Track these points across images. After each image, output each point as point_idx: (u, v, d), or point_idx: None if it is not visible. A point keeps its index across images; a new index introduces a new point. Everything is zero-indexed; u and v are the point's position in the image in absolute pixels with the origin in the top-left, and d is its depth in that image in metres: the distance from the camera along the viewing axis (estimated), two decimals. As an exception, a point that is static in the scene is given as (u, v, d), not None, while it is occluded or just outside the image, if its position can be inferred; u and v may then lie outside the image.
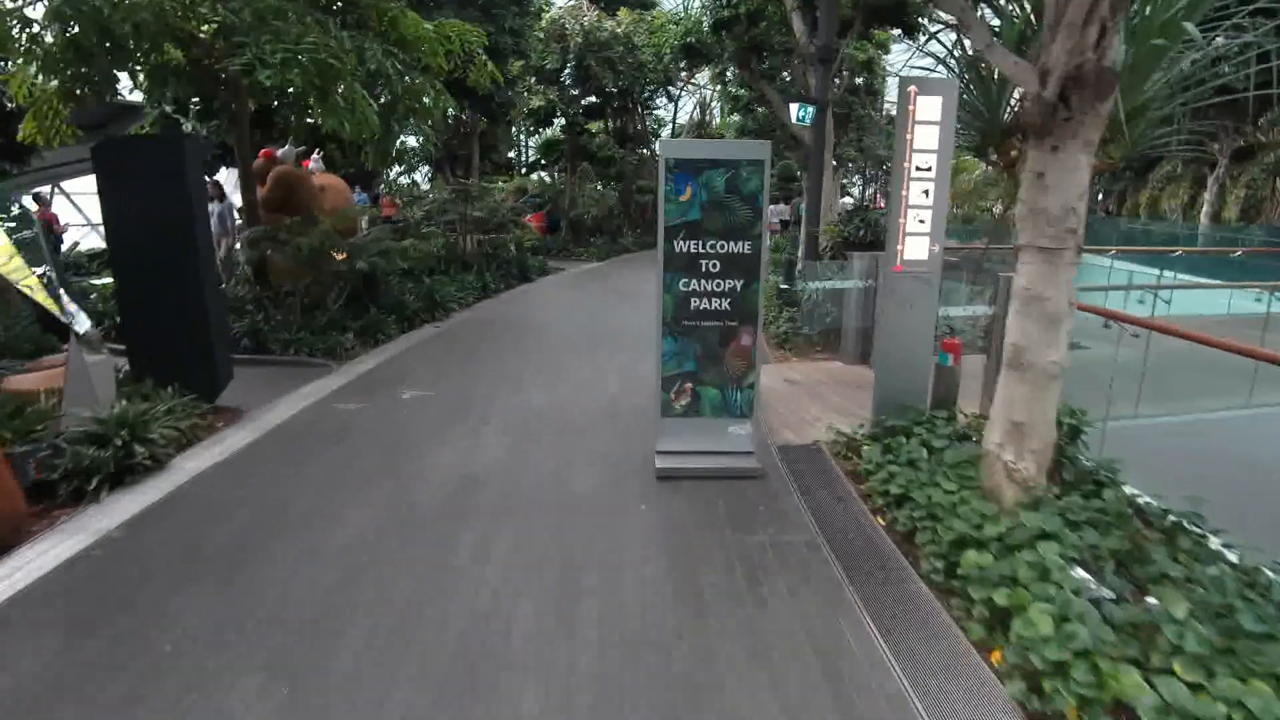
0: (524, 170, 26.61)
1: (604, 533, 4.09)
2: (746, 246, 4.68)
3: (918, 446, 4.68)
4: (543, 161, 26.20)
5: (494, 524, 4.15)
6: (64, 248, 14.86)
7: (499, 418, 6.07)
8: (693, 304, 4.76)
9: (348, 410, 6.30)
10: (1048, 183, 3.86)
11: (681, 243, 4.65)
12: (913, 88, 4.93)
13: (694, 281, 4.72)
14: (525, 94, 19.70)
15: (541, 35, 19.66)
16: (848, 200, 30.94)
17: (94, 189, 5.97)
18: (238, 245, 11.72)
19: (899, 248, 5.13)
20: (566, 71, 21.23)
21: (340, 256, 9.41)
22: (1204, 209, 21.23)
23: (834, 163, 12.78)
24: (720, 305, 4.77)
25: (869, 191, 32.34)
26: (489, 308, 11.70)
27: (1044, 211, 3.89)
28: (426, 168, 17.64)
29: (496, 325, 10.29)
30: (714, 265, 4.70)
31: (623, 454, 5.27)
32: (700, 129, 27.57)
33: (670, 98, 24.54)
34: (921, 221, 5.12)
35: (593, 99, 22.63)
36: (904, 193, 5.05)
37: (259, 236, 9.11)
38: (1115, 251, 11.80)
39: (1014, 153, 8.92)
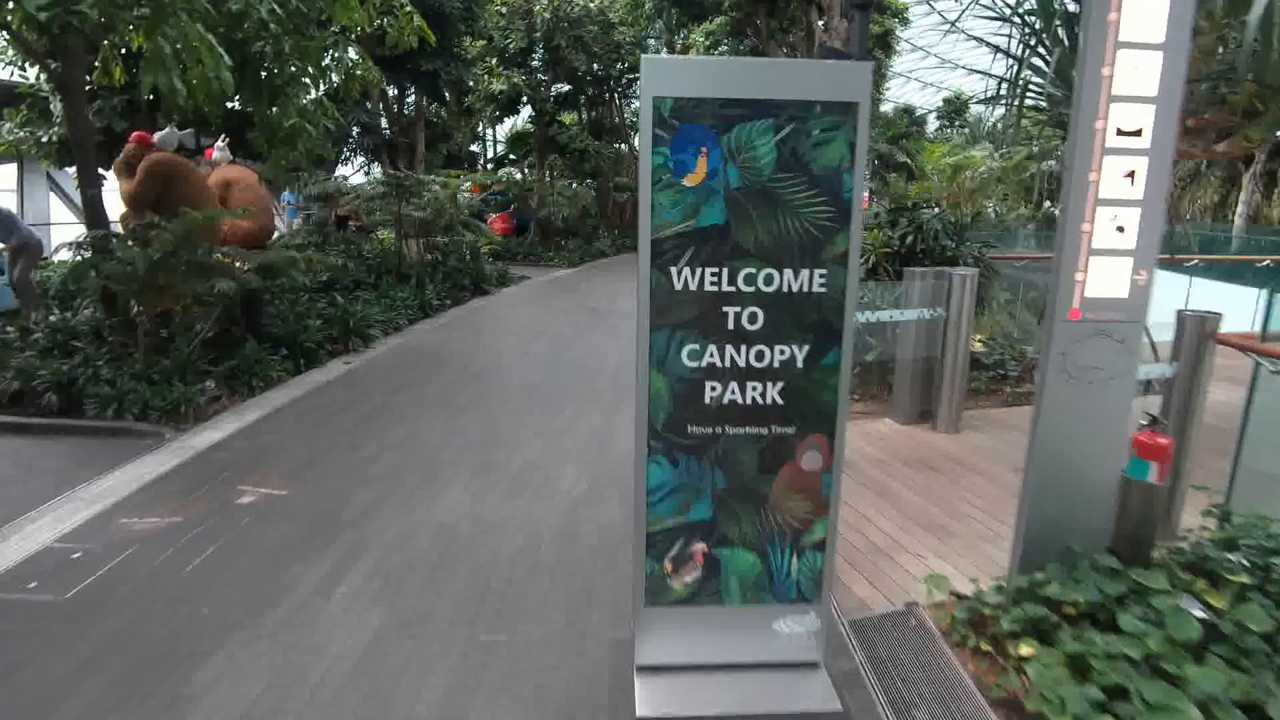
0: (490, 165, 24.11)
1: None
2: (819, 278, 2.32)
3: (1172, 695, 2.36)
4: (511, 156, 23.72)
5: None
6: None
7: (377, 554, 3.65)
8: (709, 394, 2.39)
9: (136, 534, 3.85)
10: None
11: (686, 270, 2.28)
12: (1119, -23, 2.61)
13: (712, 349, 2.36)
14: (485, 76, 17.24)
15: (503, 10, 17.23)
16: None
17: None
18: (60, 256, 9.16)
19: (1077, 276, 2.81)
20: (535, 54, 18.82)
21: (243, 268, 6.98)
22: (1239, 209, 19.27)
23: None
24: (764, 396, 2.40)
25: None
26: (425, 334, 9.25)
27: None
28: (363, 160, 15.15)
29: (428, 361, 7.85)
30: (752, 317, 2.34)
31: (575, 654, 2.89)
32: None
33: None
34: (1121, 230, 2.80)
35: (564, 86, 20.22)
36: (1092, 175, 2.73)
37: (98, 244, 6.64)
38: (1197, 262, 9.65)
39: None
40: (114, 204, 8.11)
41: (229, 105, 8.07)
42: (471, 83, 18.69)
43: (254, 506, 4.19)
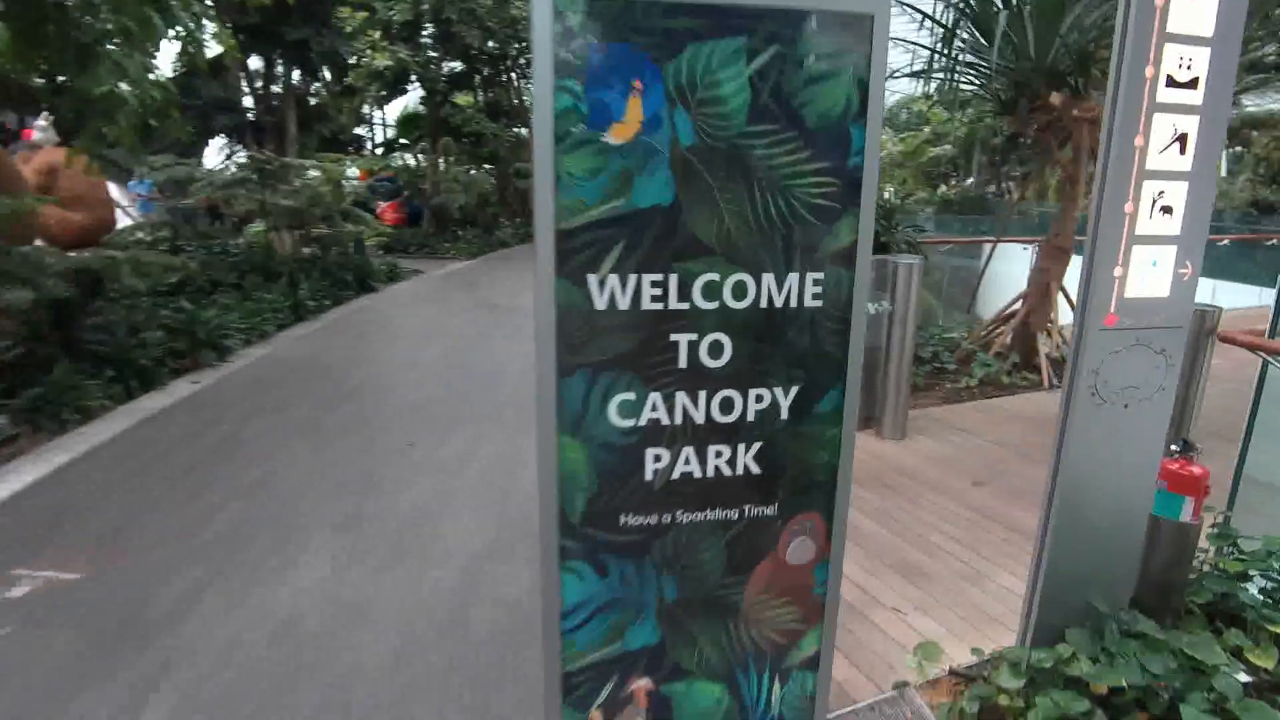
0: (379, 150, 22.37)
1: None
2: (814, 286, 1.53)
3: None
4: (402, 140, 22.07)
5: None
6: None
7: (192, 673, 2.65)
8: (653, 467, 1.57)
9: None
10: None
11: (613, 279, 1.45)
12: None
13: (655, 399, 1.53)
14: (368, 51, 15.70)
15: (387, -21, 15.73)
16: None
17: None
18: None
19: (1116, 272, 2.16)
20: (424, 28, 17.34)
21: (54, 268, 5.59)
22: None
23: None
24: (734, 464, 1.61)
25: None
26: (296, 342, 8.01)
27: None
28: (226, 142, 13.41)
29: (296, 376, 6.69)
30: (715, 348, 1.53)
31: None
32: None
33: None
34: (1166, 211, 2.17)
35: (457, 65, 18.82)
36: (1137, 140, 2.07)
37: None
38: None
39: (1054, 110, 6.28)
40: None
41: (59, 79, 6.61)
42: (353, 59, 17.09)
43: (28, 603, 3.07)
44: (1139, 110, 2.04)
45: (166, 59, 12.03)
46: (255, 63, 13.01)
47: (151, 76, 6.33)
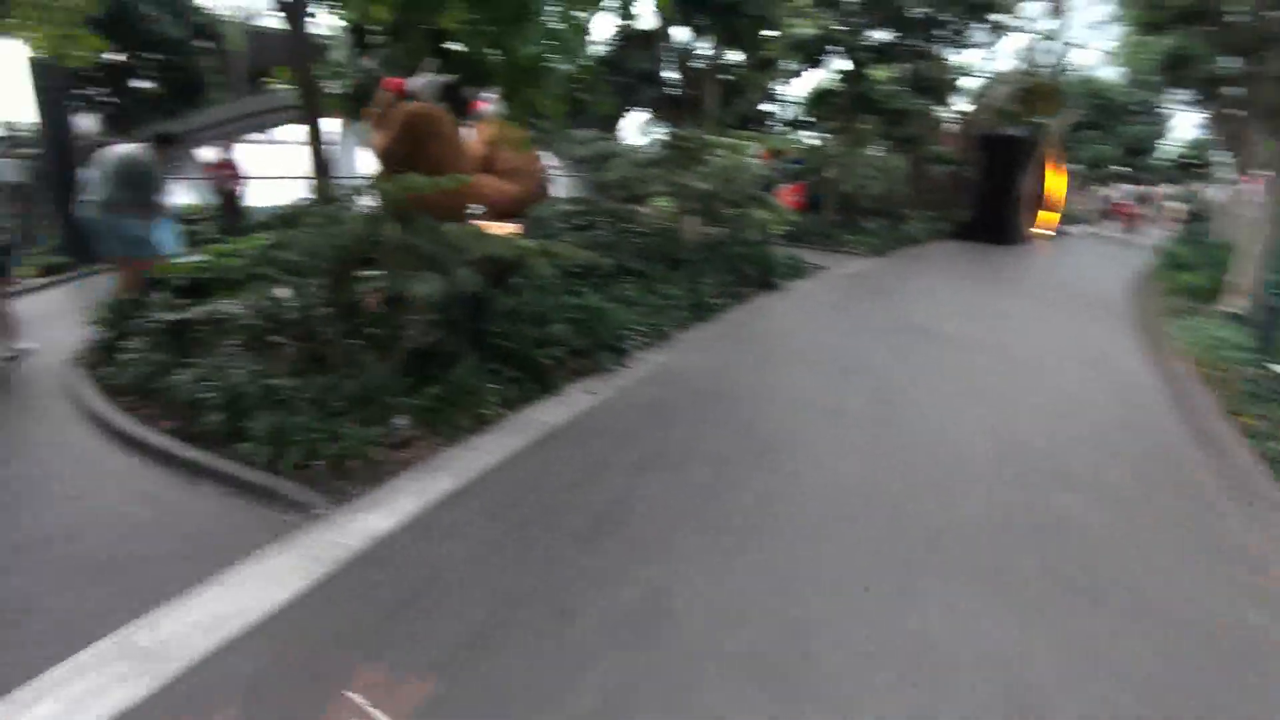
0: (783, 128, 21.21)
1: None
2: None
3: None
4: (807, 118, 20.58)
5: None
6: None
7: None
8: None
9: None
10: None
11: None
12: None
13: None
14: (793, 18, 14.37)
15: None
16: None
17: None
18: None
19: None
20: (854, -8, 15.44)
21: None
22: None
23: None
24: None
25: None
26: (696, 350, 6.91)
27: None
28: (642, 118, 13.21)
29: (696, 404, 5.48)
30: None
31: None
32: (1031, 80, 19.78)
33: (997, 28, 17.51)
34: None
35: (886, 34, 16.56)
36: None
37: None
38: None
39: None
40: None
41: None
42: (775, 31, 15.99)
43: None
44: None
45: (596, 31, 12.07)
46: (679, 33, 12.58)
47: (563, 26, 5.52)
